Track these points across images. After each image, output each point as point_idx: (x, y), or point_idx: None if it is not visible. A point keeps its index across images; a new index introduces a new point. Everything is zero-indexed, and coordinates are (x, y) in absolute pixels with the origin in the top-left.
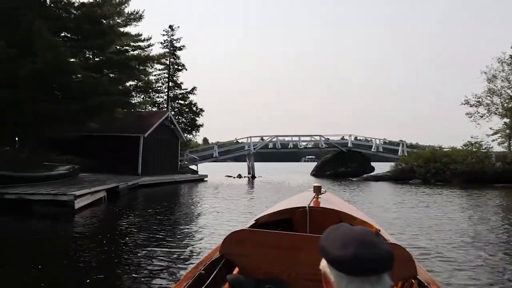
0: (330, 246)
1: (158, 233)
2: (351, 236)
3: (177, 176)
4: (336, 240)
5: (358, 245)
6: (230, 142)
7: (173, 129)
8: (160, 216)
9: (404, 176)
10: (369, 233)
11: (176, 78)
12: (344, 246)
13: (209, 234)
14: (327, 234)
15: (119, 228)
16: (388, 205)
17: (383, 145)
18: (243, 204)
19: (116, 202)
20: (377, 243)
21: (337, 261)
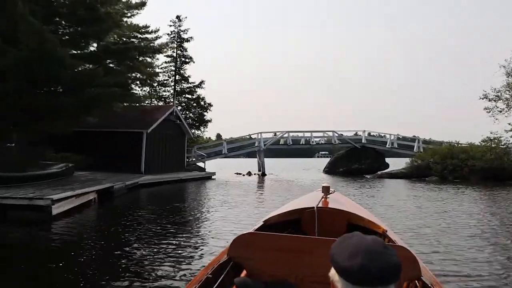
0: (339, 255)
1: (147, 245)
2: (360, 247)
3: (183, 174)
4: (346, 250)
5: (366, 257)
6: (240, 138)
7: (179, 125)
8: (155, 223)
9: (420, 173)
10: (379, 244)
11: (183, 71)
12: (352, 257)
13: (207, 252)
14: (338, 243)
15: (100, 239)
16: (405, 209)
17: (398, 141)
18: (249, 208)
19: (109, 205)
20: (386, 254)
21: (344, 270)
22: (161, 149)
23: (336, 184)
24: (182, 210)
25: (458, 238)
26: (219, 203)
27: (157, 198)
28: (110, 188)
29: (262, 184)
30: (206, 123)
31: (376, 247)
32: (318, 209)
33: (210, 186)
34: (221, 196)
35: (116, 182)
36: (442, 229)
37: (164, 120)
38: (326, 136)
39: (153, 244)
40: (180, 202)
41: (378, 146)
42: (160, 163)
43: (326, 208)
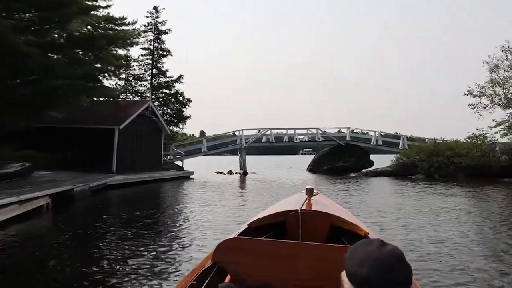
0: (350, 260)
1: (110, 263)
2: (372, 256)
3: (159, 173)
4: (359, 256)
5: (374, 268)
6: (221, 135)
7: (155, 121)
8: (121, 233)
9: (406, 170)
10: (395, 256)
11: (160, 65)
12: (361, 265)
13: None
14: (355, 247)
15: (42, 260)
16: (392, 209)
17: (382, 138)
18: (229, 214)
19: (65, 212)
20: (397, 268)
21: (351, 276)
22: (135, 147)
23: (320, 183)
24: (155, 216)
25: (443, 243)
26: (197, 207)
27: (126, 201)
28: (69, 191)
29: (243, 184)
30: (185, 119)
31: (390, 259)
32: (302, 211)
33: (188, 187)
34: (199, 199)
35: (78, 183)
36: (429, 235)
37: (139, 116)
38: (310, 133)
39: (118, 260)
40: (153, 207)
41: (363, 143)
42: (134, 162)
43: (309, 211)
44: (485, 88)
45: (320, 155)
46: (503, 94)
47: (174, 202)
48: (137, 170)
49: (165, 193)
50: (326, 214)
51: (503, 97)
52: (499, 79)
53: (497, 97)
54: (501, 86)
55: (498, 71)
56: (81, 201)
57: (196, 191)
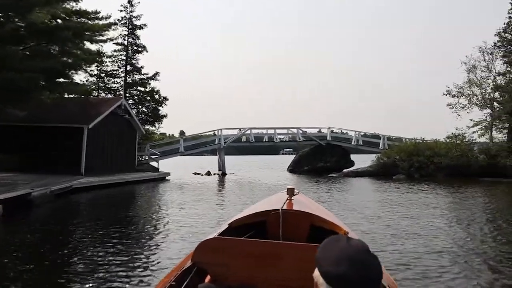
0: (324, 259)
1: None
2: (346, 254)
3: (131, 175)
4: (332, 255)
5: (351, 265)
6: (198, 135)
7: (129, 120)
8: (84, 244)
9: (387, 171)
10: (364, 250)
11: (135, 61)
12: (337, 263)
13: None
14: (324, 246)
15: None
16: (372, 212)
17: (363, 138)
18: (207, 218)
19: (19, 220)
20: (370, 263)
21: (328, 276)
22: (107, 147)
23: (301, 184)
24: (124, 223)
25: (418, 242)
26: (171, 211)
27: (93, 206)
28: (26, 195)
29: (222, 186)
30: (161, 118)
31: (361, 255)
32: (283, 211)
33: (163, 189)
34: (173, 203)
35: (38, 187)
36: (406, 234)
37: (111, 114)
38: (290, 133)
39: (80, 275)
40: (122, 212)
41: (343, 143)
42: (105, 163)
43: (290, 210)
44: (463, 88)
45: (301, 155)
46: (480, 94)
47: (146, 206)
48: (109, 172)
49: (138, 196)
50: (307, 213)
51: (481, 97)
52: (476, 79)
53: (474, 97)
54: (478, 86)
55: (475, 71)
56: (40, 207)
57: (170, 194)
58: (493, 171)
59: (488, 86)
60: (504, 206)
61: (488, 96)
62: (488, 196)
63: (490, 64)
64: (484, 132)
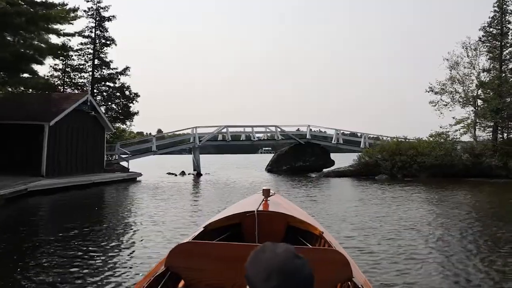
0: (254, 277)
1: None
2: (274, 265)
3: (98, 176)
4: (260, 271)
5: (280, 278)
6: (172, 134)
7: (96, 117)
8: (28, 258)
9: (369, 170)
10: (291, 257)
11: (103, 55)
12: (268, 279)
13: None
14: (252, 261)
15: None
16: (359, 221)
17: (344, 136)
18: (172, 226)
19: None
20: (298, 268)
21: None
22: (71, 146)
23: (279, 185)
24: (84, 231)
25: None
26: (139, 218)
27: (50, 212)
28: None
29: (195, 187)
30: (133, 116)
31: (289, 262)
32: (259, 212)
33: (132, 191)
34: (142, 207)
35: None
36: (386, 238)
37: (75, 111)
38: (269, 131)
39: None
40: (83, 218)
41: (323, 142)
42: (69, 163)
43: (266, 212)
44: (446, 85)
45: (279, 154)
46: (463, 92)
47: (111, 211)
48: (74, 173)
49: (102, 199)
50: (283, 214)
51: (463, 95)
52: (459, 76)
53: (457, 94)
54: (461, 83)
55: (458, 68)
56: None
57: (139, 197)
58: (478, 171)
59: (471, 83)
60: (493, 207)
61: (471, 94)
62: (475, 197)
63: (474, 60)
64: (467, 130)
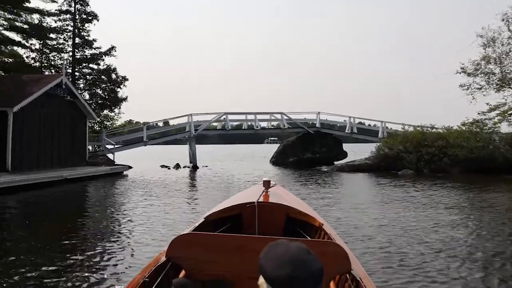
0: (267, 266)
1: None
2: (286, 257)
3: (74, 171)
4: (273, 260)
5: (292, 267)
6: (166, 122)
7: (74, 103)
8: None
9: (389, 164)
10: (303, 252)
11: (85, 32)
12: (280, 267)
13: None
14: (266, 253)
15: None
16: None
17: (359, 125)
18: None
19: None
20: (309, 262)
21: (272, 280)
22: (45, 136)
23: (284, 181)
24: (53, 243)
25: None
26: (111, 227)
27: (8, 218)
28: None
29: (189, 183)
30: (120, 102)
31: (301, 256)
32: (259, 204)
33: (113, 189)
34: (119, 213)
35: None
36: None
37: (47, 96)
38: (274, 118)
39: None
40: (38, 226)
41: (336, 131)
42: (42, 156)
43: (266, 203)
44: (480, 65)
45: (286, 144)
46: (500, 73)
47: (85, 217)
48: (48, 167)
49: (78, 199)
50: (283, 206)
51: (500, 76)
52: (495, 55)
53: (493, 76)
54: (497, 63)
55: (494, 45)
56: None
57: (117, 199)
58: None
59: (511, 63)
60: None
61: (510, 76)
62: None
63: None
64: (502, 118)
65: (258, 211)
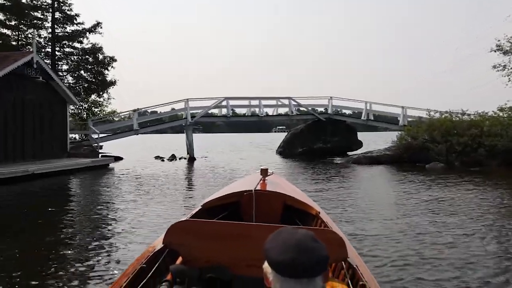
0: (272, 250)
1: None
2: (291, 242)
3: (50, 164)
4: (278, 245)
5: (296, 252)
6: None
7: (50, 85)
8: None
9: (413, 156)
10: (309, 238)
11: (66, 6)
12: (284, 252)
13: None
14: (272, 238)
15: None
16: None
17: (376, 111)
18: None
19: None
20: (314, 249)
21: (276, 264)
22: (13, 124)
23: (291, 175)
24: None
25: None
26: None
27: None
28: None
29: (182, 178)
30: (109, 85)
31: (306, 242)
32: (256, 192)
33: (90, 186)
34: (91, 222)
35: None
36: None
37: (15, 76)
38: (281, 104)
39: None
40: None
41: (350, 118)
42: (10, 147)
43: (263, 191)
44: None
45: (294, 133)
46: None
47: (48, 226)
48: (18, 160)
49: (40, 202)
50: (280, 194)
51: None
52: None
53: None
54: None
55: None
56: None
57: (93, 198)
58: None
59: None
60: None
61: None
62: None
63: None
64: None
65: (256, 199)
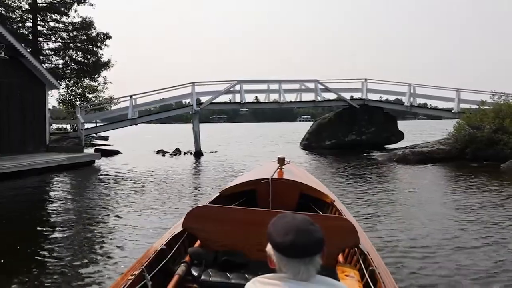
0: (274, 233)
1: None
2: (292, 226)
3: (20, 161)
4: (280, 228)
5: (296, 234)
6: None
7: (20, 63)
8: None
9: (478, 152)
10: (307, 222)
11: None
12: (285, 234)
13: None
14: (274, 222)
15: None
16: None
17: (418, 98)
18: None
19: None
20: (312, 231)
21: (279, 246)
22: None
23: (317, 176)
24: None
25: None
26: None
27: None
28: None
29: (190, 178)
30: (102, 67)
31: (304, 225)
32: (273, 180)
33: (62, 193)
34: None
35: None
36: None
37: None
38: (305, 88)
39: None
40: None
41: (389, 104)
42: None
43: (280, 179)
44: None
45: (321, 123)
46: None
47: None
48: None
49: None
50: (296, 182)
51: None
52: None
53: None
54: None
55: None
56: None
57: (66, 214)
58: None
59: None
60: None
61: None
62: None
63: None
64: None
65: (272, 187)
